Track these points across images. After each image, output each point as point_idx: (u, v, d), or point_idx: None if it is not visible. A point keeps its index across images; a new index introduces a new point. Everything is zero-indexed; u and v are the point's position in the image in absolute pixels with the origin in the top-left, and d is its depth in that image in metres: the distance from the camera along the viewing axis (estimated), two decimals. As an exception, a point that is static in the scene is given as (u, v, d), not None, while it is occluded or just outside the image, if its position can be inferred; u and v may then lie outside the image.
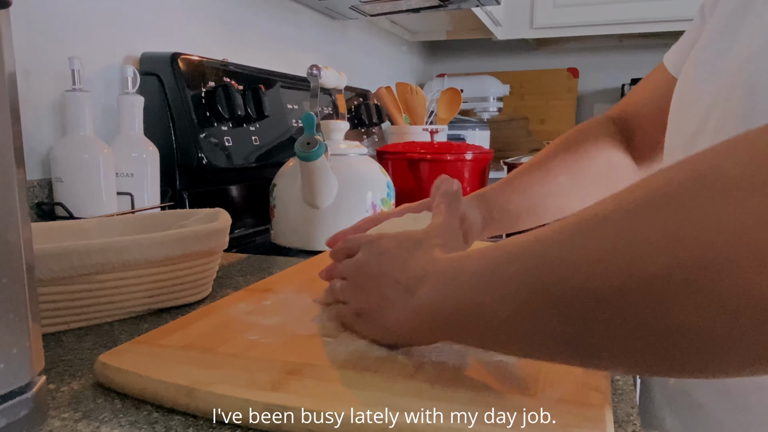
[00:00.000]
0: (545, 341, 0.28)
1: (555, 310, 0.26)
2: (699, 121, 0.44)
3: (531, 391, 0.33)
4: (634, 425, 0.34)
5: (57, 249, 0.46)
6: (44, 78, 0.75)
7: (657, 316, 0.23)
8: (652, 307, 0.23)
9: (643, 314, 0.23)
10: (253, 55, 1.20)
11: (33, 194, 0.72)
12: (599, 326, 0.25)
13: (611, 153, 0.64)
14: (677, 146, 0.49)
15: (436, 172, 1.14)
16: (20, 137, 0.30)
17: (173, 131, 0.88)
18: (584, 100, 2.41)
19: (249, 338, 0.42)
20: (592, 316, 0.25)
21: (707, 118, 0.43)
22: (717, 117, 0.42)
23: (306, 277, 0.60)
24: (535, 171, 0.63)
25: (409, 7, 1.48)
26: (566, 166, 0.63)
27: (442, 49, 2.54)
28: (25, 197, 0.30)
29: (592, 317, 0.25)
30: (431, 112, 1.72)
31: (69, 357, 0.43)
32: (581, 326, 0.26)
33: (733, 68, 0.41)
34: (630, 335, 0.24)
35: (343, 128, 0.89)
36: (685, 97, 0.49)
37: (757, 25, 0.41)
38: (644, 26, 1.90)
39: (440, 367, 0.37)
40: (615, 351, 0.26)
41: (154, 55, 0.89)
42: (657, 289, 0.23)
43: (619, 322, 0.24)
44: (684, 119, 0.48)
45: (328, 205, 0.81)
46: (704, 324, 0.22)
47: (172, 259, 0.52)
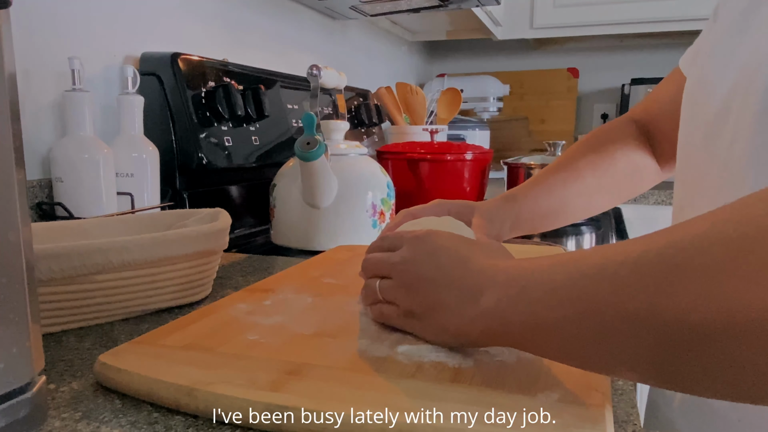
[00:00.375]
0: (627, 361, 0.27)
1: (644, 335, 0.26)
2: (716, 117, 0.44)
3: (531, 391, 0.33)
4: (634, 425, 0.34)
5: (57, 249, 0.46)
6: (44, 78, 0.75)
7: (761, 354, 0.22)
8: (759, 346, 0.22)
9: (747, 352, 0.23)
10: (253, 55, 1.20)
11: (33, 194, 0.72)
12: (695, 357, 0.24)
13: (635, 154, 0.65)
14: (694, 144, 0.48)
15: (436, 172, 1.14)
16: (20, 137, 0.30)
17: (173, 131, 0.88)
18: (584, 100, 2.41)
19: (249, 338, 0.42)
20: (688, 347, 0.24)
21: (725, 115, 0.43)
22: (735, 115, 0.42)
23: (306, 277, 0.60)
24: (561, 172, 0.64)
25: (409, 7, 1.48)
26: (592, 167, 0.63)
27: (442, 49, 2.54)
28: (25, 197, 0.30)
29: (687, 348, 0.24)
30: (431, 112, 1.72)
31: (69, 357, 0.43)
32: (672, 354, 0.25)
33: (748, 67, 0.41)
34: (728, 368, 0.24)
35: (343, 128, 0.89)
36: (698, 93, 0.49)
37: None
38: (644, 26, 1.90)
39: (440, 367, 0.37)
40: (707, 382, 0.25)
41: (154, 55, 0.89)
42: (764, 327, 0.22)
43: (719, 356, 0.24)
44: (699, 115, 0.47)
45: (328, 205, 0.81)
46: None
47: (172, 259, 0.52)
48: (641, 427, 0.34)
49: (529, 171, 1.27)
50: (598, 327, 0.28)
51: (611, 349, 0.27)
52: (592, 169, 0.63)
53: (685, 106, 0.51)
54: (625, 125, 0.67)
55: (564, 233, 1.08)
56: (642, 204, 1.49)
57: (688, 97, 0.51)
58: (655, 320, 0.25)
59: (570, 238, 1.05)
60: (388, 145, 1.35)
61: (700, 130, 0.47)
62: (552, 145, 1.30)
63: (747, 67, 0.41)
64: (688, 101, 0.51)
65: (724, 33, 0.47)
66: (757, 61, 0.40)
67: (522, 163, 1.28)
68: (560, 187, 0.63)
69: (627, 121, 0.68)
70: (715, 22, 0.52)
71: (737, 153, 0.41)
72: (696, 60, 0.55)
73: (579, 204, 0.64)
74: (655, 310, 0.25)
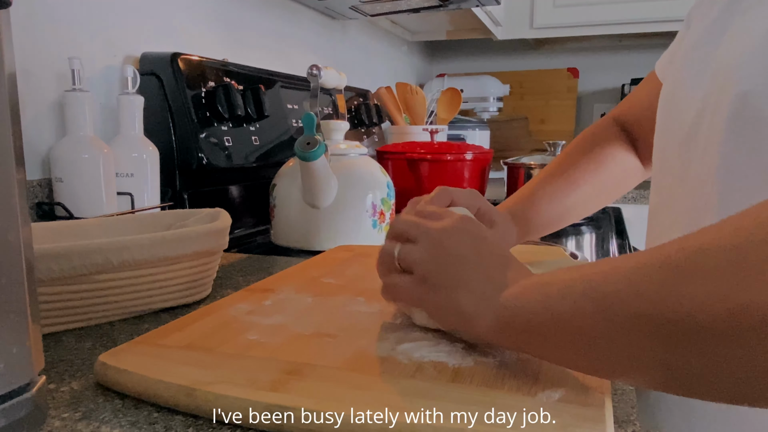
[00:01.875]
0: (637, 361, 0.28)
1: (654, 334, 0.26)
2: (691, 125, 0.45)
3: (531, 391, 0.33)
4: (634, 425, 0.34)
5: (57, 249, 0.46)
6: (44, 78, 0.75)
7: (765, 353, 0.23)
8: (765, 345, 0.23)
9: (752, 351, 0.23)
10: (253, 55, 1.20)
11: (33, 194, 0.72)
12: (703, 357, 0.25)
13: (624, 157, 0.67)
14: (670, 150, 0.50)
15: (436, 172, 1.14)
16: (20, 137, 0.30)
17: (173, 131, 0.88)
18: (584, 100, 2.41)
19: (249, 338, 0.42)
20: (696, 347, 0.25)
21: (699, 122, 0.44)
22: (708, 122, 0.43)
23: (306, 277, 0.60)
24: (558, 180, 0.65)
25: (409, 7, 1.48)
26: (588, 175, 0.66)
27: (442, 49, 2.54)
28: (25, 197, 0.30)
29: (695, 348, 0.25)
30: (431, 112, 1.72)
31: (69, 357, 0.43)
32: (681, 354, 0.25)
33: (720, 73, 0.42)
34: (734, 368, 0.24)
35: (343, 128, 0.89)
36: (673, 100, 0.50)
37: (743, 29, 0.41)
38: (644, 26, 1.90)
39: (440, 367, 0.37)
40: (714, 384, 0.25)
41: (154, 55, 0.89)
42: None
43: (725, 356, 0.24)
44: (675, 123, 0.49)
45: (328, 205, 0.81)
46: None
47: (172, 259, 0.52)
48: (641, 428, 0.34)
49: (529, 171, 1.27)
50: (610, 323, 0.28)
51: (621, 347, 0.28)
52: (589, 177, 0.66)
53: (660, 112, 0.52)
54: (610, 127, 0.69)
55: (564, 233, 1.08)
56: (642, 204, 1.50)
57: (663, 104, 0.52)
58: (664, 319, 0.26)
59: (570, 238, 1.05)
60: (388, 145, 1.35)
61: (676, 137, 0.48)
62: (552, 145, 1.30)
63: (719, 74, 0.42)
64: (663, 108, 0.52)
65: (698, 41, 0.48)
66: (729, 68, 0.40)
67: (522, 163, 1.28)
68: (558, 196, 0.65)
69: (611, 122, 0.70)
70: (688, 29, 0.53)
71: (709, 160, 0.42)
72: (670, 66, 0.55)
73: (577, 212, 0.67)
74: (663, 309, 0.26)
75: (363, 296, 0.53)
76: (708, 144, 0.42)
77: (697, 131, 0.44)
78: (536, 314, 0.32)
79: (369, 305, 0.50)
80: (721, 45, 0.43)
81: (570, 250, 0.93)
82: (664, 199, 0.51)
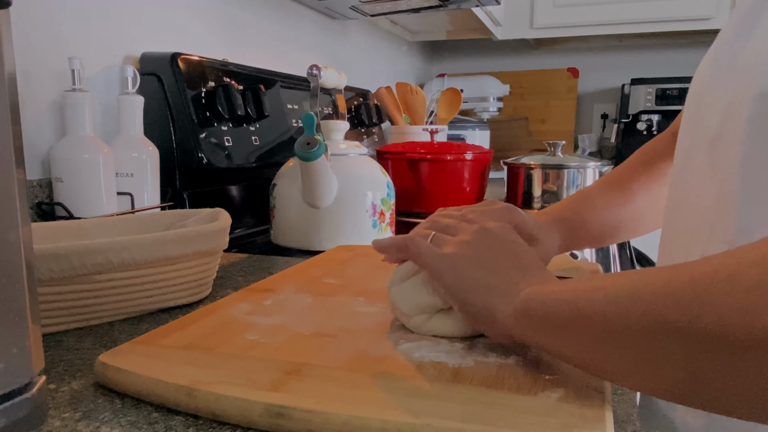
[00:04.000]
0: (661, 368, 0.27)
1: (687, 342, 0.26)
2: (717, 124, 0.44)
3: (531, 391, 0.33)
4: (634, 425, 0.34)
5: (57, 249, 0.46)
6: (44, 78, 0.75)
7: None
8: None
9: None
10: (253, 55, 1.20)
11: (33, 194, 0.72)
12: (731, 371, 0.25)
13: None
14: (697, 148, 0.48)
15: (436, 172, 1.14)
16: (20, 137, 0.30)
17: (173, 131, 0.88)
18: (584, 100, 2.42)
19: (249, 338, 0.42)
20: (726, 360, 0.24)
21: (724, 122, 0.43)
22: (733, 122, 0.42)
23: (306, 277, 0.60)
24: (615, 191, 0.63)
25: (409, 7, 1.48)
26: (645, 189, 0.63)
27: (442, 49, 2.54)
28: (25, 197, 0.30)
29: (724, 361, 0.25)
30: (431, 112, 1.72)
31: (69, 357, 0.43)
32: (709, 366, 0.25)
33: (746, 71, 0.41)
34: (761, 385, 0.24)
35: (343, 128, 0.89)
36: (701, 98, 0.49)
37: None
38: (644, 26, 1.90)
39: (440, 367, 0.37)
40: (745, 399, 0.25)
41: (154, 55, 0.89)
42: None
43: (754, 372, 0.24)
44: (703, 122, 0.47)
45: (328, 205, 0.81)
46: None
47: (172, 259, 0.52)
48: (642, 428, 0.34)
49: (529, 171, 1.27)
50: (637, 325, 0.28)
51: (646, 350, 0.27)
52: (645, 191, 0.63)
53: (688, 109, 0.51)
54: (670, 140, 0.66)
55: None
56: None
57: (691, 102, 0.51)
58: (694, 327, 0.25)
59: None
60: (388, 145, 1.35)
61: (704, 135, 0.47)
62: (552, 145, 1.30)
63: (745, 72, 0.41)
64: (691, 105, 0.51)
65: (727, 37, 0.47)
66: (752, 67, 0.40)
67: (522, 163, 1.28)
68: (612, 207, 0.62)
69: (671, 138, 0.67)
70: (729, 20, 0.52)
71: (733, 159, 0.41)
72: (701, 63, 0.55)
73: (630, 226, 0.64)
74: (693, 317, 0.25)
75: (363, 296, 0.53)
76: (731, 144, 0.42)
77: (722, 131, 0.43)
78: (561, 308, 0.32)
79: (369, 305, 0.50)
80: (748, 42, 0.42)
81: (570, 250, 0.93)
82: (689, 197, 0.49)
